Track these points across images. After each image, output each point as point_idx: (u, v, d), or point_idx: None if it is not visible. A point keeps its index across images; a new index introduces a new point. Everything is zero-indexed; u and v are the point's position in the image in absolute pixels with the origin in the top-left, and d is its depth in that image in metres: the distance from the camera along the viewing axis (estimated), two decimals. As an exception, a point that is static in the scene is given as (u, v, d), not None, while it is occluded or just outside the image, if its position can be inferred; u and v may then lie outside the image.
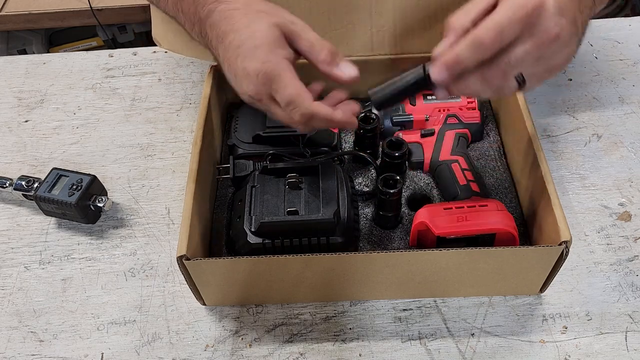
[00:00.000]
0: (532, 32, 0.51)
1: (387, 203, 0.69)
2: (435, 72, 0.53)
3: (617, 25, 1.01)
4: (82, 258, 0.74)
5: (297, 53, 0.61)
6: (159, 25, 0.78)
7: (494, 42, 0.50)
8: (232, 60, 0.59)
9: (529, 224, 0.71)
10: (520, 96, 0.73)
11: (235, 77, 0.60)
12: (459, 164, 0.74)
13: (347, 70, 0.60)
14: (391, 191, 0.67)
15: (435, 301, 0.68)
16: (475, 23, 0.52)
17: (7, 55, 1.29)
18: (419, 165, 0.77)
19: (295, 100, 0.57)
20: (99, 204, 0.75)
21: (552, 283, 0.66)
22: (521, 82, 0.53)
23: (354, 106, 0.62)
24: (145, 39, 0.81)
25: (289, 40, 0.60)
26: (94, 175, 0.76)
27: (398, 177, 0.68)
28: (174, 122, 0.90)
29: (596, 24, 1.01)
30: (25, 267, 0.74)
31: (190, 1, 0.64)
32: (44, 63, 1.00)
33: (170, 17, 0.71)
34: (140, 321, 0.68)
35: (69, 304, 0.70)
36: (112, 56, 1.01)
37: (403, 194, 0.75)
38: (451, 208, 0.65)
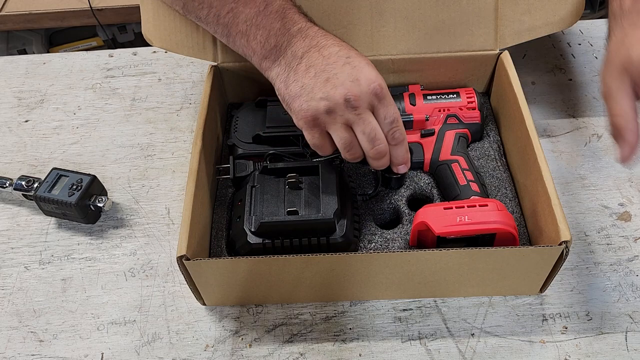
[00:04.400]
0: None
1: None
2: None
3: (617, 25, 1.01)
4: (82, 258, 0.74)
5: None
6: (149, 22, 0.78)
7: None
8: (334, 65, 0.62)
9: (529, 224, 0.71)
10: (520, 96, 0.73)
11: (326, 81, 0.61)
12: (459, 164, 0.74)
13: None
14: None
15: (435, 301, 0.68)
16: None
17: (7, 55, 1.28)
18: (419, 165, 0.77)
19: (400, 121, 0.63)
20: (99, 204, 0.75)
21: (552, 283, 0.66)
22: None
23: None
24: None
25: None
26: (94, 175, 0.76)
27: None
28: (174, 122, 0.90)
29: (596, 24, 1.01)
30: (25, 267, 0.74)
31: (276, 17, 0.66)
32: (44, 63, 1.00)
33: (209, 27, 0.72)
34: (140, 321, 0.68)
35: (69, 304, 0.70)
36: (112, 56, 1.01)
37: (403, 193, 0.75)
38: (451, 208, 0.65)
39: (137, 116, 0.91)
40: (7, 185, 0.78)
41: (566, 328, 0.66)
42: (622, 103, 0.60)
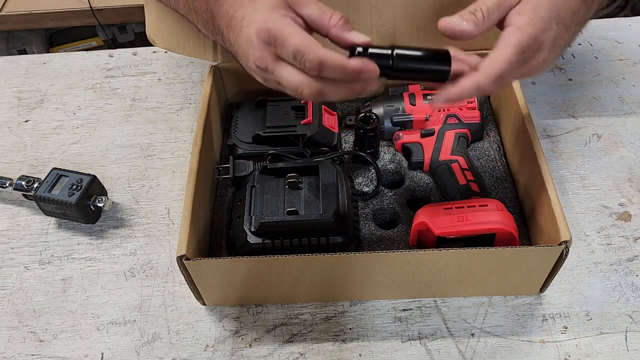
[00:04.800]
0: (524, 64, 0.55)
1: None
2: (438, 98, 0.55)
3: (617, 25, 1.01)
4: (82, 258, 0.74)
5: (305, 23, 0.57)
6: (153, 23, 0.78)
7: (494, 88, 0.54)
8: (238, 37, 0.57)
9: (529, 224, 0.71)
10: (520, 96, 0.73)
11: (244, 56, 0.57)
12: (459, 164, 0.74)
13: (359, 38, 0.55)
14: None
15: (435, 301, 0.68)
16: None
17: (7, 55, 1.28)
18: (419, 165, 0.77)
19: (302, 49, 0.52)
20: (99, 204, 0.75)
21: (552, 283, 0.66)
22: None
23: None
24: (146, 39, 0.81)
25: (295, 8, 0.57)
26: (94, 175, 0.76)
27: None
28: (174, 122, 0.90)
29: (596, 24, 1.01)
30: (25, 267, 0.74)
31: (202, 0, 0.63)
32: (44, 63, 1.00)
33: (182, 15, 0.70)
34: (140, 321, 0.68)
35: (69, 304, 0.70)
36: (112, 56, 1.01)
37: (403, 193, 0.75)
38: (451, 208, 0.65)
39: (137, 116, 0.91)
40: (7, 185, 0.78)
41: (566, 328, 0.66)
42: (489, 23, 0.57)
